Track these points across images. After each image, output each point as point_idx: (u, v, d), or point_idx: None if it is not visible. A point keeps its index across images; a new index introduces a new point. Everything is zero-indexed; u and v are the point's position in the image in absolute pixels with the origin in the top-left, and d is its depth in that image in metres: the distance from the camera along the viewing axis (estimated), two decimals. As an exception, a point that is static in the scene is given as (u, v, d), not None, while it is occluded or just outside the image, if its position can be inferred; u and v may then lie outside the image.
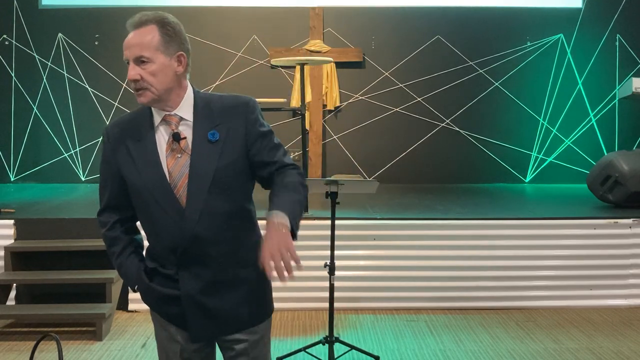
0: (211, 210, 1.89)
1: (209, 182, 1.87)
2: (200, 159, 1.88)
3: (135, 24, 1.86)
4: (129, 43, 1.85)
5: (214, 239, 1.91)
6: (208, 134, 1.89)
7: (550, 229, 4.79)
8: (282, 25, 7.19)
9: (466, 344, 4.04)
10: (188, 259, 1.93)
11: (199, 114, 1.92)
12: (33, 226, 4.72)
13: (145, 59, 1.84)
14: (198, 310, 1.96)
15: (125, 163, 1.93)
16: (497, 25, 7.26)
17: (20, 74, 7.19)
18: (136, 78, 1.85)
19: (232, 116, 1.92)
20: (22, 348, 3.94)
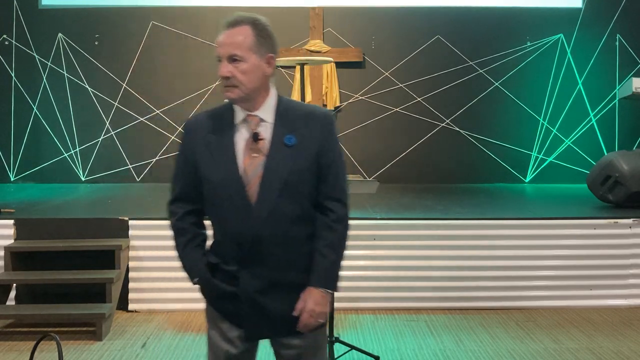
0: (278, 212, 1.93)
1: (280, 185, 1.92)
2: (275, 160, 1.93)
3: (230, 24, 1.94)
4: (223, 41, 1.93)
5: (277, 240, 1.95)
6: (285, 138, 1.94)
7: (550, 229, 4.79)
8: (282, 25, 7.18)
9: (466, 344, 4.04)
10: (250, 257, 1.96)
11: (279, 117, 1.97)
12: (33, 226, 4.72)
13: (237, 58, 1.91)
14: (254, 309, 1.99)
15: (203, 157, 1.98)
16: (497, 25, 7.26)
17: (20, 74, 7.19)
18: (227, 75, 1.91)
19: (310, 124, 1.97)
20: (22, 348, 3.94)
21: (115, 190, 6.59)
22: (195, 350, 3.92)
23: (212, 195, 2.00)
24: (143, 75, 7.20)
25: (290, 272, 1.99)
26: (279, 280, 1.98)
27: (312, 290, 1.98)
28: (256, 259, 1.96)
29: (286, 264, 1.98)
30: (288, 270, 1.99)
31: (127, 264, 4.65)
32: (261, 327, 2.02)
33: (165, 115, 7.20)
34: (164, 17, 7.14)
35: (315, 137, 1.97)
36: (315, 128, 1.97)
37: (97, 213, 5.15)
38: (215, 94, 7.11)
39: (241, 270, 1.97)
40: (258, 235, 1.93)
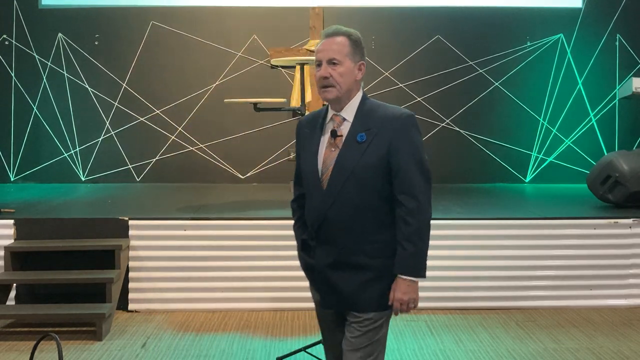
0: (343, 200, 2.22)
1: (347, 176, 2.21)
2: (345, 155, 2.22)
3: (329, 34, 2.25)
4: (323, 48, 2.24)
5: (342, 224, 2.24)
6: (357, 136, 2.22)
7: (550, 229, 4.79)
8: (282, 25, 7.19)
9: (466, 344, 4.04)
10: (321, 236, 2.29)
11: (358, 117, 2.26)
12: (33, 226, 4.72)
13: (336, 61, 2.22)
14: (325, 281, 2.31)
15: (301, 149, 2.38)
16: (497, 25, 7.26)
17: (20, 74, 7.18)
18: (326, 75, 2.21)
19: (385, 125, 2.22)
20: (22, 348, 3.94)
21: (115, 190, 6.59)
22: (195, 350, 3.92)
23: (304, 181, 2.37)
24: (143, 75, 7.20)
25: (355, 255, 2.25)
26: (344, 260, 2.25)
27: (397, 280, 2.25)
28: (326, 238, 2.27)
29: (352, 247, 2.24)
30: (354, 253, 2.25)
31: (127, 264, 4.65)
32: (330, 297, 2.32)
33: (165, 115, 7.20)
34: (164, 17, 7.14)
35: (387, 136, 2.20)
36: (388, 128, 2.21)
37: (97, 213, 5.15)
38: (215, 94, 7.11)
39: (317, 246, 2.31)
40: (325, 218, 2.25)
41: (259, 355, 3.86)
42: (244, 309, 4.65)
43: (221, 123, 7.19)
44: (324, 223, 2.26)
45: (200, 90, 7.19)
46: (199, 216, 4.82)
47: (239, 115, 7.07)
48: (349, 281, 2.26)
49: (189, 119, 7.19)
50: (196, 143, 7.23)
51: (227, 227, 4.74)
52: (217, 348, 3.96)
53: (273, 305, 4.68)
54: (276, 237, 4.72)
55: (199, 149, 7.23)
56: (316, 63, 2.25)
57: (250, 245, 4.70)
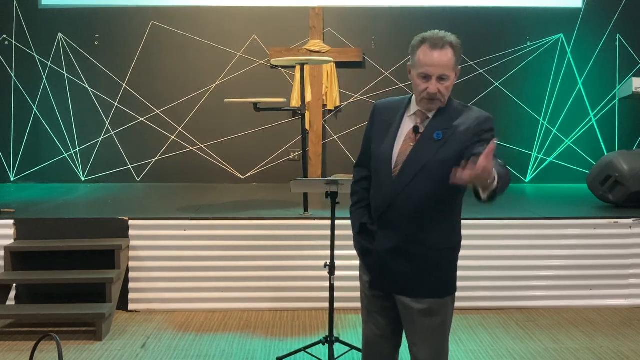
0: (411, 191, 2.31)
1: (417, 169, 2.30)
2: (420, 149, 2.31)
3: (440, 46, 2.28)
4: (434, 62, 2.26)
5: (407, 213, 2.33)
6: (435, 133, 2.31)
7: (550, 229, 4.79)
8: (282, 25, 7.19)
9: (466, 344, 4.04)
10: (384, 222, 2.37)
11: (439, 116, 2.34)
12: (33, 226, 4.72)
13: (445, 77, 2.29)
14: (380, 264, 2.40)
15: (375, 135, 2.44)
16: (497, 25, 7.26)
17: (20, 74, 7.18)
18: (436, 91, 2.28)
19: (462, 125, 2.31)
20: (22, 348, 3.94)
21: (115, 190, 6.59)
22: (195, 350, 3.92)
23: (373, 166, 2.44)
24: (143, 75, 7.19)
25: (414, 243, 2.35)
26: (403, 246, 2.35)
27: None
28: (389, 225, 2.36)
29: (413, 235, 2.34)
30: (413, 241, 2.35)
31: (127, 264, 4.65)
32: (382, 280, 2.42)
33: (165, 115, 7.20)
34: (164, 17, 7.14)
35: (462, 136, 2.30)
36: (464, 128, 2.31)
37: (97, 213, 5.15)
38: (215, 94, 7.11)
39: (378, 231, 2.40)
40: (391, 205, 2.34)
41: (259, 355, 3.86)
42: (244, 309, 4.65)
43: (221, 123, 7.19)
44: (389, 210, 2.35)
45: (200, 90, 7.18)
46: (199, 216, 4.82)
47: (239, 115, 7.07)
48: (404, 267, 2.36)
49: (189, 119, 7.19)
50: (196, 143, 7.23)
51: (227, 227, 4.74)
52: (217, 348, 3.96)
53: (273, 305, 4.68)
54: (276, 237, 4.72)
55: (199, 149, 7.22)
56: (422, 75, 2.28)
57: (250, 245, 4.70)
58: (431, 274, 2.37)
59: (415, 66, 2.31)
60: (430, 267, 2.37)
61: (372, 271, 2.45)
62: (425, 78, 2.28)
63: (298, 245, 4.71)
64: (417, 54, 2.30)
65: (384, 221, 2.38)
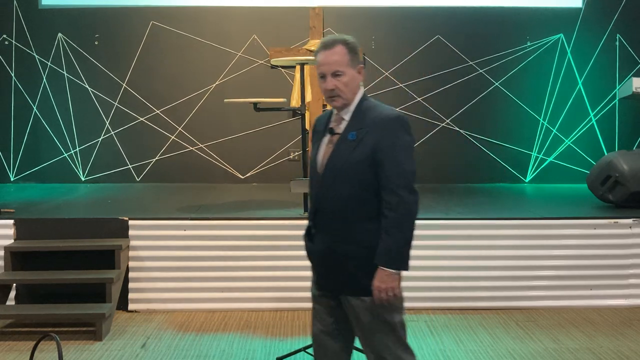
0: (334, 192, 2.41)
1: (337, 170, 2.40)
2: (337, 151, 2.42)
3: (328, 45, 2.38)
4: (325, 60, 2.38)
5: (333, 214, 2.42)
6: (349, 134, 2.40)
7: (550, 229, 4.79)
8: (282, 25, 7.19)
9: (466, 344, 4.04)
10: (318, 224, 2.49)
11: (353, 117, 2.43)
12: (33, 226, 4.72)
13: (339, 73, 2.37)
14: (319, 265, 2.52)
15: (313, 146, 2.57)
16: (497, 25, 7.26)
17: (20, 74, 7.18)
18: (333, 87, 2.38)
19: (375, 125, 2.37)
20: (22, 348, 3.94)
21: (115, 190, 6.59)
22: (195, 350, 3.92)
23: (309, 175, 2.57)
24: (143, 75, 7.19)
25: (346, 244, 2.41)
26: (336, 248, 2.43)
27: (378, 269, 2.35)
28: (321, 226, 2.47)
29: (343, 236, 2.41)
30: (345, 242, 2.41)
31: (127, 264, 4.65)
32: (325, 280, 2.50)
33: (165, 115, 7.20)
34: (164, 17, 7.14)
35: (375, 135, 2.35)
36: (377, 128, 2.36)
37: (97, 213, 5.15)
38: (215, 94, 7.12)
39: (317, 233, 2.50)
40: (320, 209, 2.46)
41: (259, 355, 3.86)
42: (244, 309, 4.65)
43: (221, 123, 7.19)
44: (318, 212, 2.47)
45: (200, 90, 7.18)
46: (199, 216, 4.82)
47: (239, 115, 7.07)
48: (339, 267, 2.42)
49: (189, 119, 7.19)
50: (196, 143, 7.23)
51: (227, 227, 4.74)
52: (217, 348, 3.96)
53: (273, 305, 4.68)
54: (276, 237, 4.72)
55: (199, 149, 7.23)
56: (319, 75, 2.40)
57: (250, 245, 4.70)
58: (367, 272, 2.39)
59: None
60: (365, 265, 2.39)
61: (316, 272, 2.55)
62: (322, 78, 2.40)
63: (298, 245, 4.68)
64: (317, 59, 2.41)
65: (318, 223, 2.48)
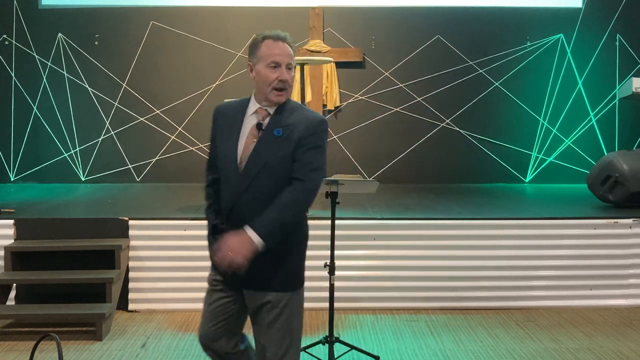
0: (256, 186, 2.39)
1: (260, 166, 2.39)
2: (262, 146, 2.41)
3: (284, 38, 2.43)
4: (283, 52, 2.41)
5: (253, 208, 2.37)
6: (275, 130, 2.41)
7: (550, 229, 4.79)
8: (282, 25, 7.11)
9: (466, 344, 4.04)
10: (233, 219, 2.42)
11: (279, 114, 2.45)
12: (33, 226, 4.72)
13: (291, 67, 2.44)
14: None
15: (219, 135, 2.52)
16: (497, 25, 7.26)
17: (20, 74, 7.19)
18: (286, 79, 2.40)
19: (301, 125, 2.41)
20: (22, 348, 3.94)
21: (115, 190, 6.59)
22: (195, 350, 3.92)
23: (220, 166, 2.50)
24: (143, 75, 7.20)
25: None
26: None
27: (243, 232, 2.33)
28: (237, 221, 2.39)
29: None
30: None
31: (127, 264, 4.65)
32: (236, 278, 2.44)
33: (165, 115, 7.20)
34: (164, 17, 7.14)
35: (299, 134, 2.39)
36: (302, 127, 2.40)
37: (97, 213, 5.15)
38: (215, 94, 7.11)
39: (228, 229, 2.41)
40: (237, 202, 2.41)
41: (259, 355, 3.86)
42: (244, 309, 4.65)
43: (221, 123, 7.18)
44: (236, 206, 2.42)
45: (200, 90, 7.18)
46: (199, 216, 4.81)
47: (239, 115, 7.07)
48: (254, 262, 2.35)
49: (189, 119, 7.19)
50: (196, 143, 7.23)
51: (227, 227, 4.73)
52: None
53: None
54: (276, 237, 4.71)
55: (199, 149, 7.22)
56: (272, 64, 2.39)
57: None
58: (278, 268, 2.43)
59: (261, 60, 2.40)
60: (277, 260, 2.42)
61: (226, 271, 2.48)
62: (275, 67, 2.39)
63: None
64: (261, 49, 2.41)
65: (233, 218, 2.43)
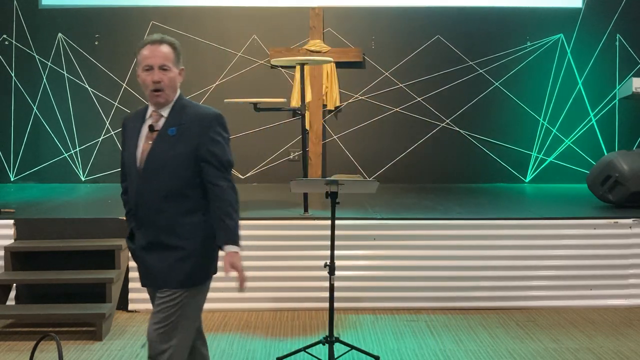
0: (154, 187, 2.47)
1: (158, 165, 2.47)
2: (157, 147, 2.48)
3: (156, 41, 2.51)
4: (153, 54, 2.49)
5: (155, 208, 2.48)
6: (169, 130, 2.49)
7: (550, 229, 4.79)
8: (282, 25, 7.19)
9: (466, 344, 4.04)
10: (139, 221, 2.53)
11: (172, 114, 2.53)
12: (33, 226, 4.72)
13: (166, 68, 2.49)
14: (141, 262, 2.58)
15: (124, 142, 2.61)
16: (497, 25, 7.26)
17: (20, 74, 7.18)
18: (160, 80, 2.47)
19: (195, 122, 2.49)
20: (22, 348, 3.94)
21: (115, 190, 6.55)
22: (195, 350, 3.92)
23: (126, 172, 2.60)
24: (143, 75, 7.18)
25: (166, 236, 2.48)
26: (157, 240, 2.49)
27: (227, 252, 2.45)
28: (143, 222, 2.51)
29: (163, 229, 2.48)
30: (164, 235, 2.48)
31: (127, 264, 4.65)
32: (146, 277, 2.58)
33: (165, 115, 7.19)
34: (164, 17, 7.14)
35: (195, 131, 2.48)
36: (197, 125, 2.49)
37: (97, 213, 5.15)
38: (215, 94, 7.11)
39: (137, 230, 2.55)
40: (140, 204, 2.50)
41: (259, 355, 3.86)
42: (244, 309, 4.65)
43: (221, 123, 7.18)
44: (139, 207, 2.50)
45: (200, 90, 7.18)
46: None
47: (239, 115, 7.06)
48: (160, 261, 2.48)
49: (189, 119, 7.18)
50: (196, 143, 7.22)
51: (227, 227, 4.73)
52: (217, 348, 3.96)
53: (273, 305, 4.68)
54: (276, 237, 4.72)
55: (199, 149, 7.22)
56: (145, 67, 2.49)
57: (250, 245, 4.69)
58: (181, 266, 2.47)
59: (139, 66, 2.52)
60: (181, 259, 2.48)
61: (140, 270, 2.61)
62: (148, 70, 2.48)
63: (298, 245, 4.71)
64: (141, 54, 2.51)
65: (139, 219, 2.52)
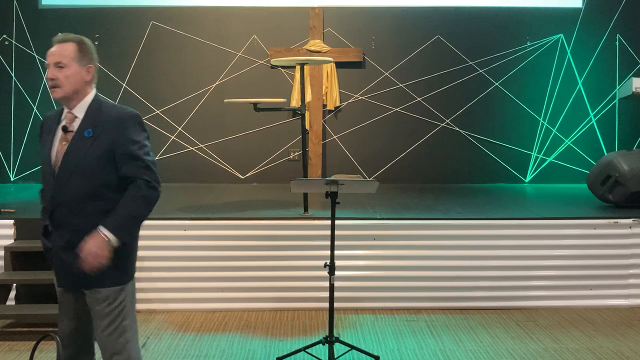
0: (70, 188, 2.48)
1: (74, 167, 2.48)
2: (73, 148, 2.49)
3: (58, 40, 2.61)
4: (52, 52, 2.58)
5: (72, 209, 2.49)
6: (85, 131, 2.50)
7: (550, 229, 4.80)
8: (282, 25, 7.19)
9: (466, 344, 4.04)
10: (56, 220, 2.53)
11: (87, 115, 2.54)
12: (33, 226, 4.71)
13: (62, 65, 2.54)
14: (59, 262, 2.55)
15: (41, 144, 2.62)
16: (497, 25, 7.25)
17: (20, 74, 7.18)
18: (53, 77, 2.53)
19: (111, 123, 2.50)
20: (22, 348, 3.94)
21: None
22: (195, 350, 3.93)
23: (42, 171, 2.61)
24: (143, 75, 7.19)
25: (84, 236, 2.45)
26: (75, 240, 2.47)
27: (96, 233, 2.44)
28: (59, 222, 2.51)
29: (80, 230, 2.46)
30: (82, 234, 2.45)
31: (127, 264, 4.64)
32: (64, 277, 2.57)
33: (165, 115, 7.20)
34: (164, 17, 7.14)
35: (111, 132, 2.49)
36: (113, 125, 2.50)
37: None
38: (215, 94, 7.12)
39: (54, 230, 2.53)
40: (56, 204, 2.50)
41: (259, 355, 3.86)
42: (244, 309, 4.66)
43: (221, 123, 7.19)
44: (57, 209, 2.50)
45: (200, 90, 7.18)
46: (199, 216, 4.82)
47: (239, 115, 7.07)
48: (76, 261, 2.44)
49: (189, 119, 7.19)
50: (196, 143, 7.23)
51: (227, 227, 4.74)
52: (217, 348, 3.96)
53: (273, 305, 4.68)
54: (276, 237, 4.72)
55: (199, 149, 7.22)
56: (47, 67, 2.57)
57: (250, 245, 4.70)
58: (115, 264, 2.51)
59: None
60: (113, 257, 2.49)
61: (56, 269, 2.59)
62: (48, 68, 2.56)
63: (298, 245, 4.72)
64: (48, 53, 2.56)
65: (55, 219, 2.52)
